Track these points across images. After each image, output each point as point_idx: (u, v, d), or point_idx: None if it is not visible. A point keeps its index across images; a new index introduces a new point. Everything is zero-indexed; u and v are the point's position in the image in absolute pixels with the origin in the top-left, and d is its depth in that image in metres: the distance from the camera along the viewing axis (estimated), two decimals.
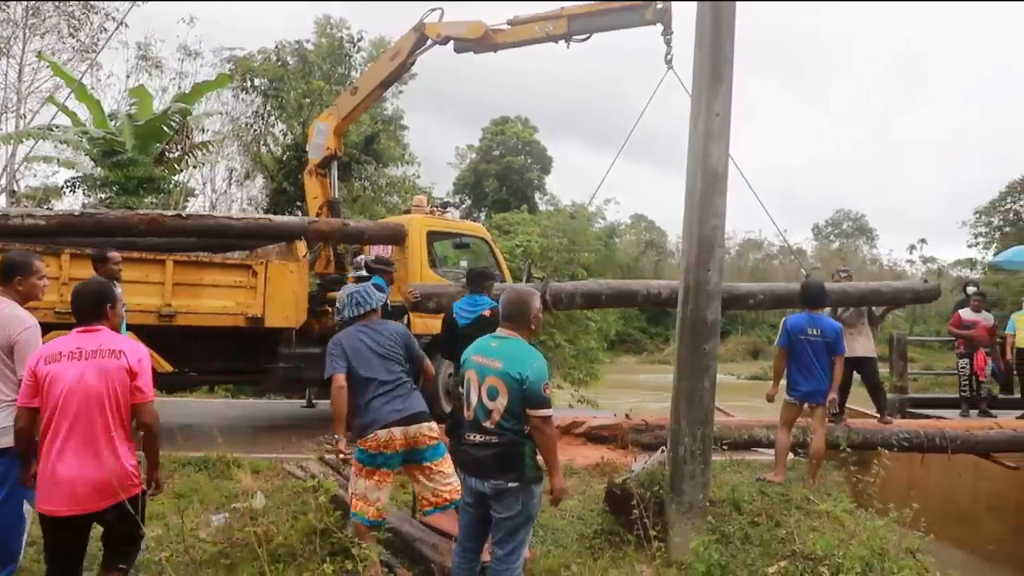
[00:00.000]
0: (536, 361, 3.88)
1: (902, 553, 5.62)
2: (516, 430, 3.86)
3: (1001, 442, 8.90)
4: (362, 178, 18.62)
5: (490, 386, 3.89)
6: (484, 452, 3.92)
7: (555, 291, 7.45)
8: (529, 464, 3.90)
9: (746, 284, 9.10)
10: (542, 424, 3.83)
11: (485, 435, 3.91)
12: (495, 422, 3.87)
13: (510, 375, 3.82)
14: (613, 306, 9.81)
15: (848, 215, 78.12)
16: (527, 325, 4.06)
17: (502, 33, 9.89)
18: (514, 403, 3.83)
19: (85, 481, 3.50)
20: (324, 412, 10.23)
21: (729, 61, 5.56)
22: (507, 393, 3.83)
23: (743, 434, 7.91)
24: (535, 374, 3.81)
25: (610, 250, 34.32)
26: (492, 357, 3.93)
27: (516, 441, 3.87)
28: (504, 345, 3.97)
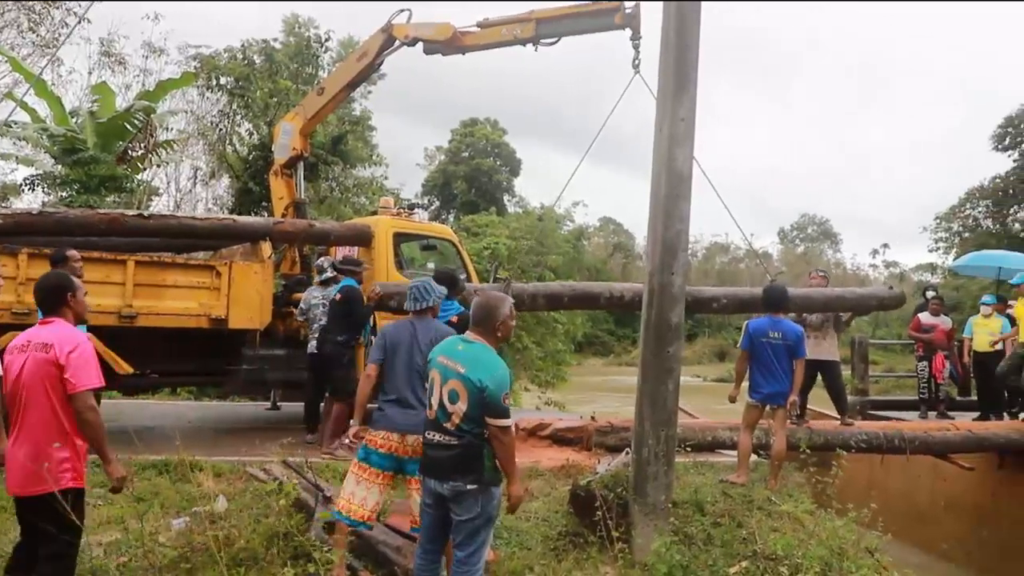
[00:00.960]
0: (498, 370, 3.87)
1: (861, 552, 5.71)
2: (476, 433, 3.86)
3: (957, 443, 9.07)
4: (329, 179, 18.47)
5: (451, 389, 3.88)
6: (443, 453, 3.92)
7: (517, 291, 7.47)
8: (488, 466, 3.89)
9: (711, 288, 9.18)
10: (500, 433, 3.83)
11: (445, 436, 3.90)
12: (455, 424, 3.87)
13: (471, 381, 3.81)
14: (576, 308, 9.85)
15: (813, 219, 79.33)
16: (493, 331, 4.03)
17: (470, 35, 9.89)
18: (473, 409, 3.82)
19: (20, 466, 3.68)
20: (289, 414, 10.15)
21: (694, 67, 5.62)
22: (467, 398, 3.83)
23: (707, 436, 7.98)
24: (495, 384, 3.80)
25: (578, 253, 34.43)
26: (456, 360, 3.92)
27: (475, 444, 3.86)
28: (470, 349, 3.95)
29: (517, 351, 17.57)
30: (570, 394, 22.93)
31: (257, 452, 6.84)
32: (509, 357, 17.04)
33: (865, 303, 9.38)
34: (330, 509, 5.28)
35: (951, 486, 10.55)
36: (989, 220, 36.67)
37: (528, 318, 17.31)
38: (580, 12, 9.64)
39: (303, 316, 8.54)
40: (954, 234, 38.13)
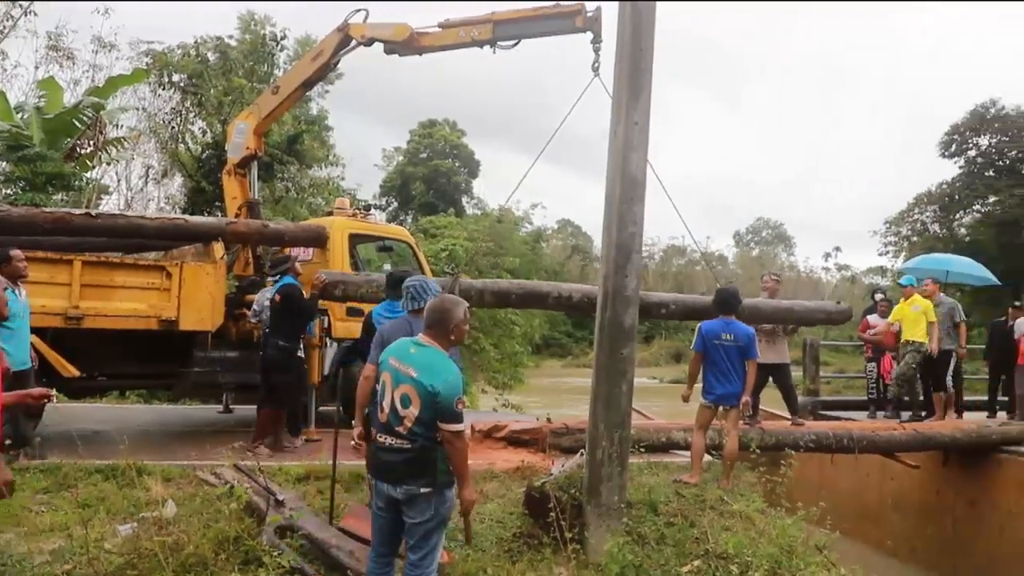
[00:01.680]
0: (451, 376, 3.85)
1: (810, 550, 5.82)
2: (428, 437, 3.85)
3: (904, 442, 9.27)
4: (284, 179, 18.26)
5: (403, 393, 3.86)
6: (396, 457, 3.90)
7: (465, 287, 7.44)
8: (442, 469, 3.89)
9: (658, 294, 9.23)
10: (453, 438, 3.81)
11: (397, 439, 3.89)
12: (407, 428, 3.85)
13: (423, 386, 3.79)
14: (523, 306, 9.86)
15: (768, 223, 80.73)
16: (447, 334, 4.01)
17: (428, 36, 9.85)
18: (425, 413, 3.81)
19: None
20: (242, 417, 10.00)
21: (649, 71, 5.68)
22: (419, 403, 3.81)
23: (661, 436, 8.04)
24: (448, 389, 3.78)
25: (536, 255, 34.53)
26: (408, 364, 3.89)
27: (428, 447, 3.86)
28: (422, 353, 3.93)
29: (474, 353, 17.55)
30: (528, 396, 22.99)
31: (208, 456, 6.74)
32: (466, 359, 17.02)
33: (813, 316, 9.45)
34: (282, 513, 5.24)
35: (898, 484, 10.79)
36: (936, 225, 37.64)
37: (485, 320, 17.32)
38: (541, 15, 9.65)
39: (256, 318, 8.43)
40: (903, 238, 39.05)
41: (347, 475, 6.48)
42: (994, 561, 9.39)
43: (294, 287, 7.87)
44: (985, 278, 14.17)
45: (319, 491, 6.19)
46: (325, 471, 6.17)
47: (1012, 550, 9.20)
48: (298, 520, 5.07)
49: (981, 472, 9.78)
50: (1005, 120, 33.30)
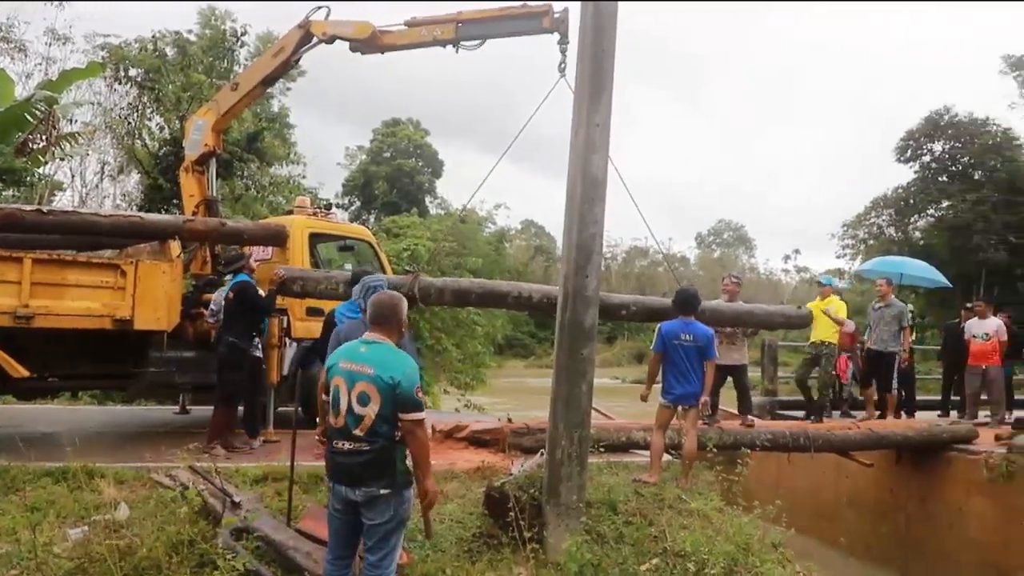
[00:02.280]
0: (408, 365, 3.88)
1: (766, 547, 5.90)
2: (388, 436, 3.84)
3: (858, 441, 9.44)
4: (244, 177, 18.01)
5: (361, 392, 3.84)
6: (355, 460, 3.88)
7: (424, 286, 7.41)
8: (401, 469, 3.90)
9: (619, 295, 9.27)
10: (414, 427, 3.83)
11: (355, 443, 3.87)
12: (366, 428, 3.83)
13: (382, 379, 3.80)
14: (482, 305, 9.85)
15: (729, 225, 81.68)
16: (398, 329, 4.07)
17: (390, 35, 9.79)
18: (386, 408, 3.81)
19: None
20: (199, 418, 9.86)
21: (610, 73, 5.72)
22: (379, 398, 3.80)
23: (621, 436, 8.09)
24: (407, 378, 3.81)
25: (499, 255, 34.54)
26: (362, 363, 3.88)
27: (387, 447, 3.86)
28: (374, 350, 3.93)
29: (436, 353, 17.50)
30: (491, 396, 22.99)
31: (163, 458, 6.62)
32: (428, 359, 16.96)
33: (772, 319, 9.56)
34: (238, 514, 5.17)
35: (853, 482, 10.98)
36: (892, 228, 38.33)
37: (448, 320, 17.28)
38: (508, 15, 9.63)
39: (214, 317, 8.32)
40: (860, 241, 39.68)
41: (306, 476, 6.43)
42: (944, 557, 9.61)
43: (247, 284, 7.79)
44: (937, 281, 14.53)
45: (277, 492, 6.13)
46: (283, 472, 6.11)
47: (961, 545, 9.41)
48: (254, 522, 5.01)
49: (932, 470, 9.99)
50: (958, 127, 34.04)
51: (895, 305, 10.96)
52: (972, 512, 9.38)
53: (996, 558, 8.97)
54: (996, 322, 11.82)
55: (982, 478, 9.22)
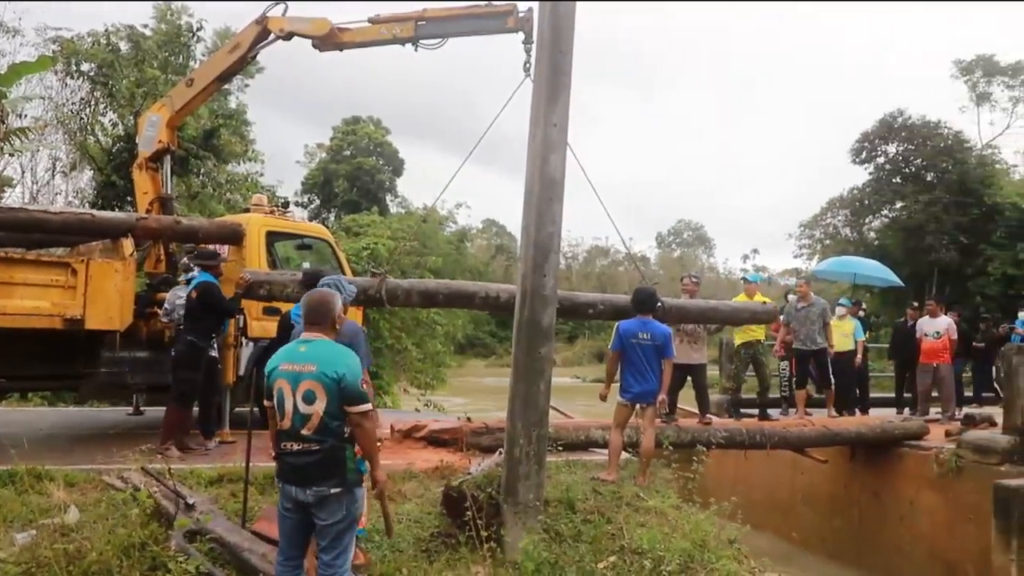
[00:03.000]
0: (350, 359, 3.92)
1: (722, 543, 5.98)
2: (337, 433, 3.85)
3: (813, 438, 9.61)
4: (200, 174, 17.72)
5: (306, 391, 3.84)
6: (304, 460, 3.88)
7: (391, 287, 7.38)
8: (351, 468, 3.91)
9: (587, 294, 9.32)
10: (362, 420, 3.87)
11: (304, 443, 3.86)
12: (313, 427, 3.83)
13: (326, 375, 3.81)
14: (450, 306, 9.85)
15: (689, 225, 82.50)
16: (332, 326, 4.09)
17: (348, 32, 9.71)
18: (332, 403, 3.82)
19: None
20: (153, 419, 9.68)
21: (567, 74, 5.74)
22: (325, 395, 3.81)
23: (580, 435, 8.13)
24: (351, 372, 3.85)
25: (460, 254, 34.47)
26: (304, 362, 3.89)
27: (336, 446, 3.86)
28: (314, 347, 3.94)
29: (396, 352, 17.41)
30: (452, 395, 22.94)
31: (115, 460, 6.50)
32: (388, 359, 16.87)
33: (738, 316, 9.70)
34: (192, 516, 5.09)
35: (808, 478, 11.17)
36: (847, 229, 39.00)
37: (408, 319, 17.19)
38: (473, 14, 9.58)
39: (168, 317, 8.17)
40: (816, 241, 40.33)
41: (262, 477, 6.34)
42: (896, 550, 9.82)
43: (213, 285, 7.69)
44: (890, 280, 14.86)
45: (232, 494, 6.05)
46: (239, 473, 6.04)
47: (912, 538, 9.63)
48: (208, 524, 4.95)
49: (885, 466, 10.19)
50: (911, 129, 34.76)
51: (817, 303, 11.18)
52: (922, 506, 9.59)
53: (944, 550, 9.19)
54: (947, 321, 12.12)
55: (932, 473, 9.44)
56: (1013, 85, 37.71)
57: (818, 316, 10.95)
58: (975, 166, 33.69)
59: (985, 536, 8.44)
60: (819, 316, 10.96)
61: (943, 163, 33.56)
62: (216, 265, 7.92)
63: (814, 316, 10.93)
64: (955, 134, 34.34)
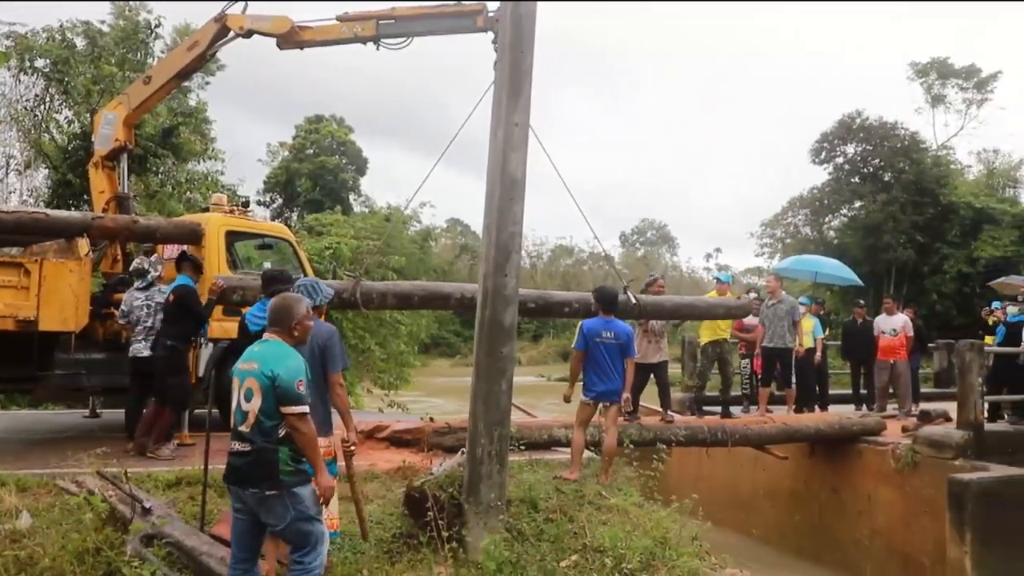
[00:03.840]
0: (290, 359, 3.90)
1: (684, 540, 6.02)
2: (270, 434, 3.85)
3: (774, 435, 9.74)
4: (159, 173, 17.43)
5: (247, 388, 3.89)
6: (241, 461, 3.92)
7: (366, 290, 7.33)
8: (286, 470, 3.88)
9: (561, 292, 9.31)
10: (297, 422, 3.84)
11: (242, 442, 3.90)
12: (250, 426, 3.86)
13: (263, 374, 3.83)
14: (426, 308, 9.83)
15: (653, 224, 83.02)
16: (289, 331, 4.07)
17: (309, 31, 9.62)
18: (268, 403, 3.83)
19: None
20: (108, 422, 9.52)
21: (528, 73, 5.74)
22: (260, 394, 3.83)
23: (543, 434, 8.14)
24: (287, 371, 3.83)
25: (425, 254, 34.30)
26: (251, 360, 3.94)
27: (268, 448, 3.86)
28: (264, 347, 3.99)
29: (360, 353, 17.29)
30: (416, 395, 22.88)
31: (70, 464, 6.38)
32: (351, 359, 16.74)
33: (714, 311, 9.77)
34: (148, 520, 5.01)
35: (769, 475, 11.33)
36: (808, 228, 39.63)
37: (371, 319, 17.09)
38: (443, 13, 9.52)
39: (124, 319, 8.02)
40: (778, 240, 40.94)
41: (221, 479, 6.26)
42: (854, 544, 10.00)
43: (190, 289, 7.63)
44: (850, 279, 15.10)
45: (191, 497, 5.98)
46: (198, 476, 5.96)
47: (870, 532, 9.82)
48: (165, 528, 4.87)
49: (843, 461, 10.37)
50: (869, 130, 35.41)
51: (786, 301, 11.23)
52: (880, 501, 9.78)
53: (901, 544, 9.38)
54: (903, 318, 12.36)
55: (890, 468, 9.63)
56: (966, 88, 38.59)
57: (786, 313, 10.98)
58: (930, 166, 34.43)
59: (940, 529, 8.64)
60: (787, 313, 10.99)
61: (900, 163, 34.24)
62: (200, 271, 7.88)
63: (782, 313, 10.97)
64: (911, 135, 35.06)
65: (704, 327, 10.62)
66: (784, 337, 10.98)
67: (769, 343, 11.13)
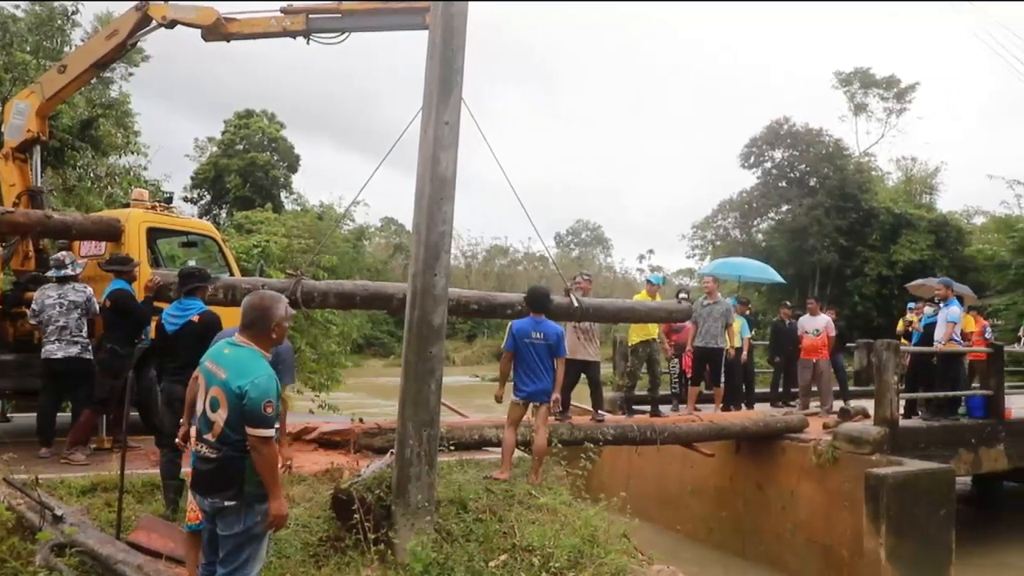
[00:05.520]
0: (261, 376, 3.67)
1: (612, 538, 6.08)
2: (237, 445, 3.68)
3: (701, 433, 9.91)
4: (77, 167, 16.77)
5: (212, 397, 3.71)
6: (204, 467, 3.76)
7: (308, 289, 7.17)
8: (251, 481, 3.72)
9: (505, 294, 9.24)
10: (259, 444, 3.65)
11: (207, 448, 3.73)
12: (216, 435, 3.69)
13: (231, 387, 3.64)
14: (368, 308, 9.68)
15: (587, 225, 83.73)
16: (268, 334, 3.83)
17: (235, 23, 9.35)
18: (233, 417, 3.65)
19: None
20: (20, 426, 9.11)
21: (459, 72, 5.71)
22: (227, 406, 3.66)
23: (474, 434, 8.11)
24: (257, 391, 3.62)
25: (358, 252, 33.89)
26: (220, 366, 3.75)
27: (235, 457, 3.69)
28: (235, 354, 3.77)
29: None
30: (349, 396, 22.57)
31: None
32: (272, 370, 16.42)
33: (655, 314, 9.86)
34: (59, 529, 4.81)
35: (697, 472, 11.53)
36: (737, 230, 40.63)
37: (300, 319, 16.77)
38: (389, 9, 9.33)
39: (35, 318, 7.67)
40: (708, 242, 41.87)
41: (140, 485, 6.08)
42: (778, 537, 10.25)
43: (124, 291, 7.35)
44: (773, 279, 15.53)
45: (107, 504, 5.76)
46: (114, 482, 5.74)
47: (792, 526, 10.07)
48: (77, 535, 4.68)
49: (768, 458, 10.62)
50: (795, 136, 36.49)
51: (722, 302, 11.48)
52: (802, 495, 10.04)
53: (822, 536, 9.66)
54: (825, 319, 12.73)
55: (811, 464, 9.89)
56: (887, 97, 40.09)
57: (721, 315, 11.19)
58: (853, 173, 35.66)
59: (858, 521, 8.94)
60: (722, 315, 11.20)
61: (825, 169, 35.37)
62: (130, 272, 7.56)
63: (717, 314, 11.18)
64: (835, 142, 36.27)
65: (634, 328, 10.73)
66: (716, 337, 11.20)
67: (701, 342, 11.32)
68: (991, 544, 11.46)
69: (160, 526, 5.30)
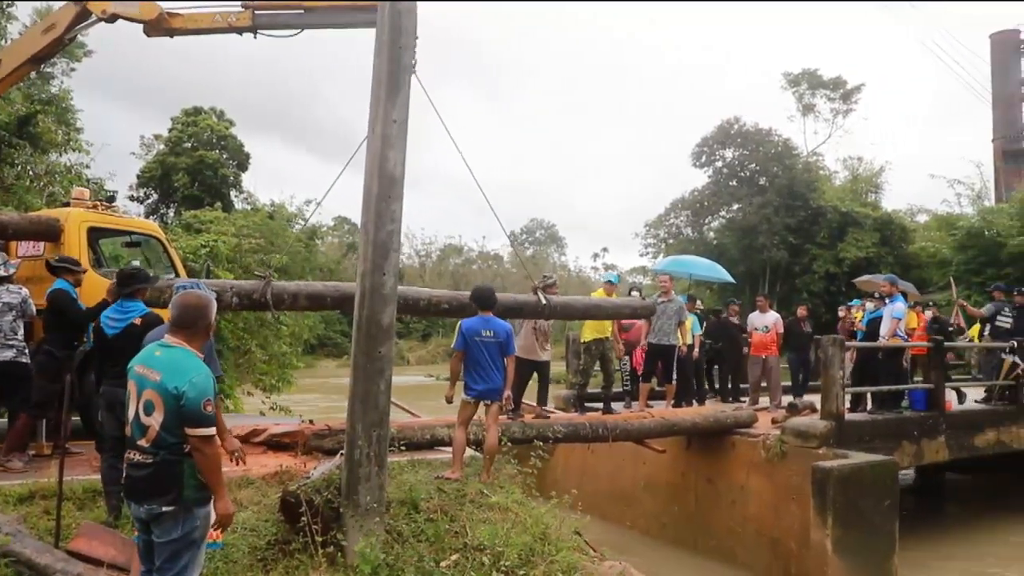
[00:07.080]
0: (198, 375, 3.62)
1: (564, 535, 6.09)
2: (174, 448, 3.60)
3: (652, 429, 9.99)
4: (15, 164, 16.26)
5: (147, 400, 3.61)
6: (139, 473, 3.65)
7: (278, 291, 7.07)
8: (190, 485, 3.65)
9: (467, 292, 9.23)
10: (201, 444, 3.59)
11: (141, 454, 3.63)
12: (151, 440, 3.60)
13: (167, 389, 3.56)
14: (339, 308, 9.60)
15: (541, 224, 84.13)
16: (204, 334, 3.82)
17: (179, 17, 9.15)
18: (170, 420, 3.57)
19: None
20: None
21: (408, 69, 5.67)
22: (163, 408, 3.57)
23: (425, 434, 8.07)
24: (195, 390, 3.56)
25: (311, 252, 33.46)
26: (153, 368, 3.65)
27: (172, 461, 3.61)
28: (168, 355, 3.69)
29: (240, 354, 16.71)
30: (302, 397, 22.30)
31: None
32: (230, 361, 16.17)
33: (620, 312, 9.95)
34: None
35: (649, 468, 11.64)
36: (689, 229, 41.16)
37: (251, 320, 16.54)
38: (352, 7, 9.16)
39: None
40: (661, 240, 42.32)
41: (80, 491, 5.94)
42: (729, 531, 10.39)
43: (64, 293, 7.15)
44: (723, 277, 15.74)
45: (46, 511, 5.61)
46: (53, 489, 5.59)
47: (743, 520, 10.22)
48: (11, 545, 4.55)
49: (718, 453, 10.76)
50: (746, 136, 37.12)
51: (675, 301, 11.61)
52: (752, 489, 10.20)
53: (770, 529, 9.82)
54: (774, 316, 12.97)
55: (760, 458, 10.06)
56: (834, 98, 40.95)
57: (674, 312, 11.32)
58: (802, 172, 36.41)
59: (806, 514, 9.09)
60: (675, 313, 11.33)
61: (774, 168, 36.04)
62: (78, 273, 7.39)
63: (671, 312, 11.29)
64: (784, 141, 36.98)
65: (587, 325, 10.80)
66: (669, 335, 11.33)
67: (654, 339, 11.43)
68: (934, 533, 11.78)
69: (102, 533, 5.17)
